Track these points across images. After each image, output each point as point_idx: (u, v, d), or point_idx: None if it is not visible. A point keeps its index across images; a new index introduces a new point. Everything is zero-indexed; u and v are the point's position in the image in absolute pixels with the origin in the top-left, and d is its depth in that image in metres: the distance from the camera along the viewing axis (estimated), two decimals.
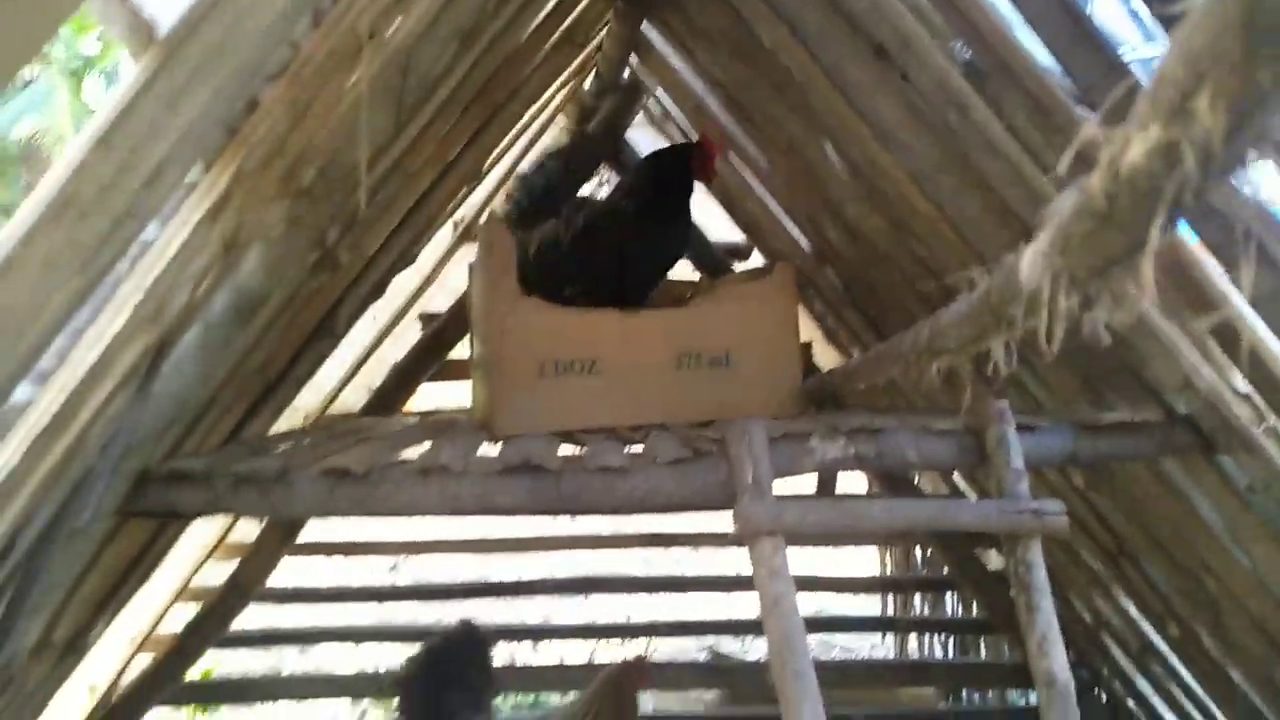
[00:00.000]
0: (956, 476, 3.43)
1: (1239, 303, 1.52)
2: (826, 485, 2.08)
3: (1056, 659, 1.58)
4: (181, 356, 1.48)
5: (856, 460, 1.78)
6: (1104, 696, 3.45)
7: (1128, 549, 2.62)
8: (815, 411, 2.23)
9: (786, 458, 1.76)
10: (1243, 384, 1.75)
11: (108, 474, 1.25)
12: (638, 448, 1.92)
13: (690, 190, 2.47)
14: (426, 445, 2.02)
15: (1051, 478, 2.71)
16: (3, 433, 1.05)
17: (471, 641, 2.75)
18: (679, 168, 2.43)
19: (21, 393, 1.04)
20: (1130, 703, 3.37)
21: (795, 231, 3.03)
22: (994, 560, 3.35)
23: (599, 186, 3.73)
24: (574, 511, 1.78)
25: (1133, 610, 2.93)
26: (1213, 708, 2.94)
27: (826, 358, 3.36)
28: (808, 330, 3.32)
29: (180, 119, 0.89)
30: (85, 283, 0.89)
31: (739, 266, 3.31)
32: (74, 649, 2.27)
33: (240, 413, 2.21)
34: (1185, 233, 1.53)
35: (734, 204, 3.36)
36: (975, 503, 1.85)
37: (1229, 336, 1.60)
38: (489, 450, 1.96)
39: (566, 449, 1.97)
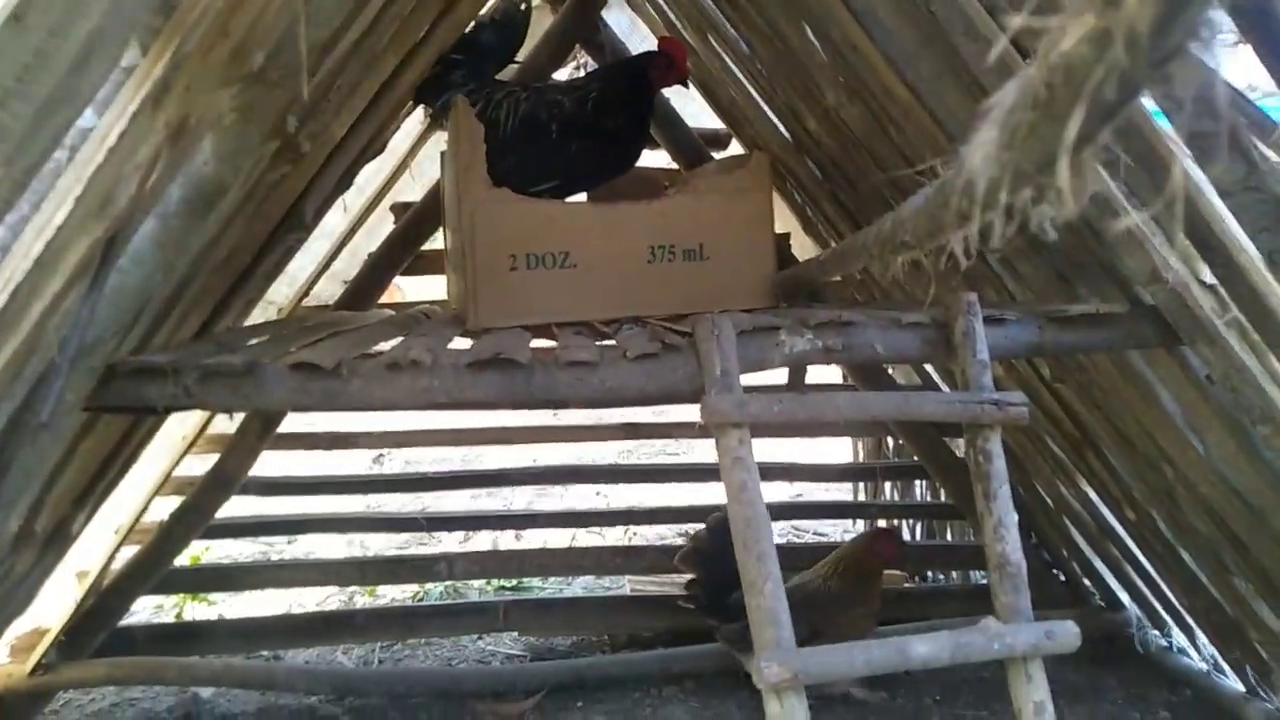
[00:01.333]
0: (930, 368, 3.48)
1: (1209, 193, 1.51)
2: (797, 377, 2.09)
3: (1010, 544, 1.63)
4: (140, 249, 1.46)
5: (825, 354, 1.79)
6: (1061, 577, 3.59)
7: (1091, 438, 2.68)
8: (789, 303, 2.23)
9: (754, 352, 1.77)
10: (1209, 276, 1.75)
11: (65, 369, 1.25)
12: (609, 342, 1.92)
13: (643, 107, 2.42)
14: (398, 340, 2.02)
15: (1020, 369, 2.74)
16: None
17: None
18: (633, 84, 2.36)
19: None
20: (1086, 582, 3.52)
21: (775, 120, 2.97)
22: (961, 449, 3.42)
23: (574, 70, 3.63)
24: (545, 405, 1.79)
25: (1093, 496, 3.02)
26: (1164, 587, 3.07)
27: (805, 248, 3.34)
28: (786, 221, 3.30)
29: None
30: (20, 172, 0.87)
31: (717, 155, 3.25)
32: (58, 539, 2.31)
33: (209, 307, 2.19)
34: (1159, 121, 1.51)
35: (713, 91, 3.28)
36: (937, 394, 1.87)
37: (1199, 227, 1.60)
38: (461, 344, 1.96)
39: (540, 343, 1.98)
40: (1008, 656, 1.57)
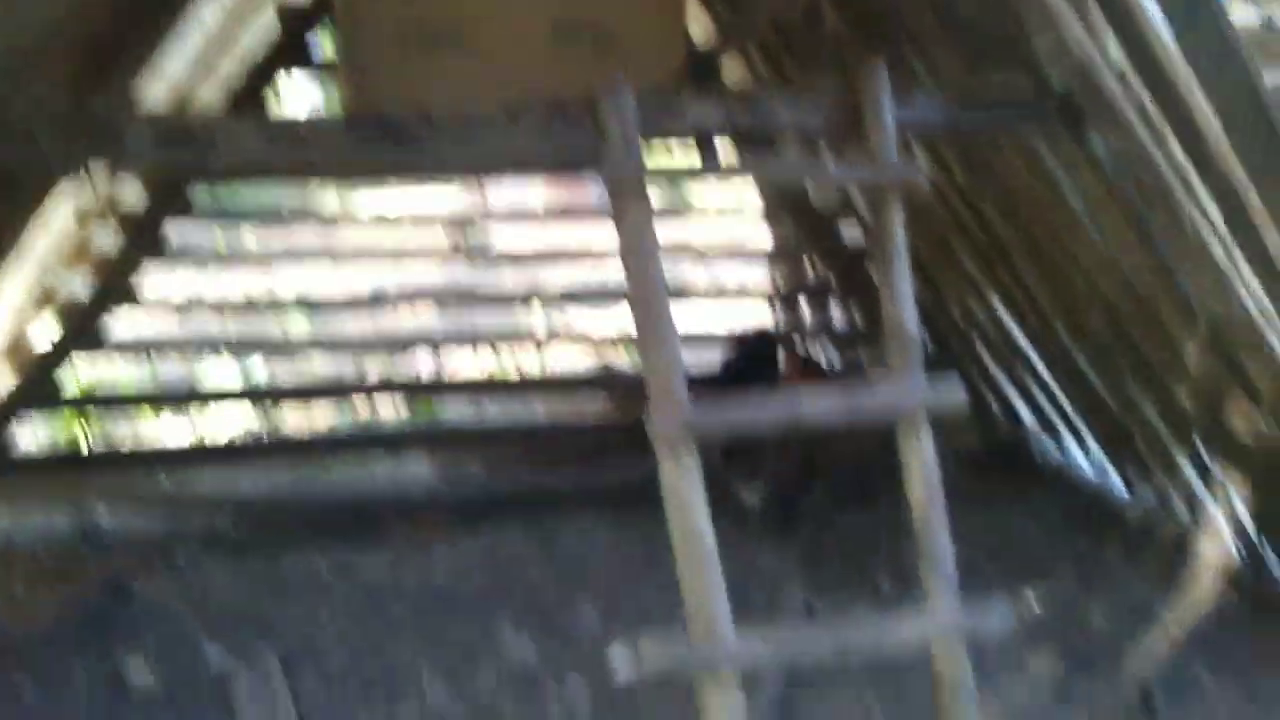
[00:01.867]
0: None
1: None
2: (710, 157, 2.04)
3: (906, 310, 1.64)
4: None
5: (728, 123, 1.73)
6: (968, 396, 3.71)
7: (998, 244, 2.71)
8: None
9: (658, 118, 1.70)
10: (1117, 53, 1.73)
11: None
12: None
13: None
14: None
15: (938, 180, 2.74)
16: None
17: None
18: None
19: None
20: (990, 399, 3.65)
21: None
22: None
23: None
24: (437, 176, 1.70)
25: (1000, 312, 3.09)
26: (1061, 399, 3.20)
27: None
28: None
29: None
30: None
31: None
32: None
33: (70, 80, 1.99)
34: None
35: None
36: (841, 164, 1.84)
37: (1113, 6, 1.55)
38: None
39: None
40: (896, 415, 1.60)
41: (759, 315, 4.14)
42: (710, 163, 1.86)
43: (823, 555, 3.01)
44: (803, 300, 3.94)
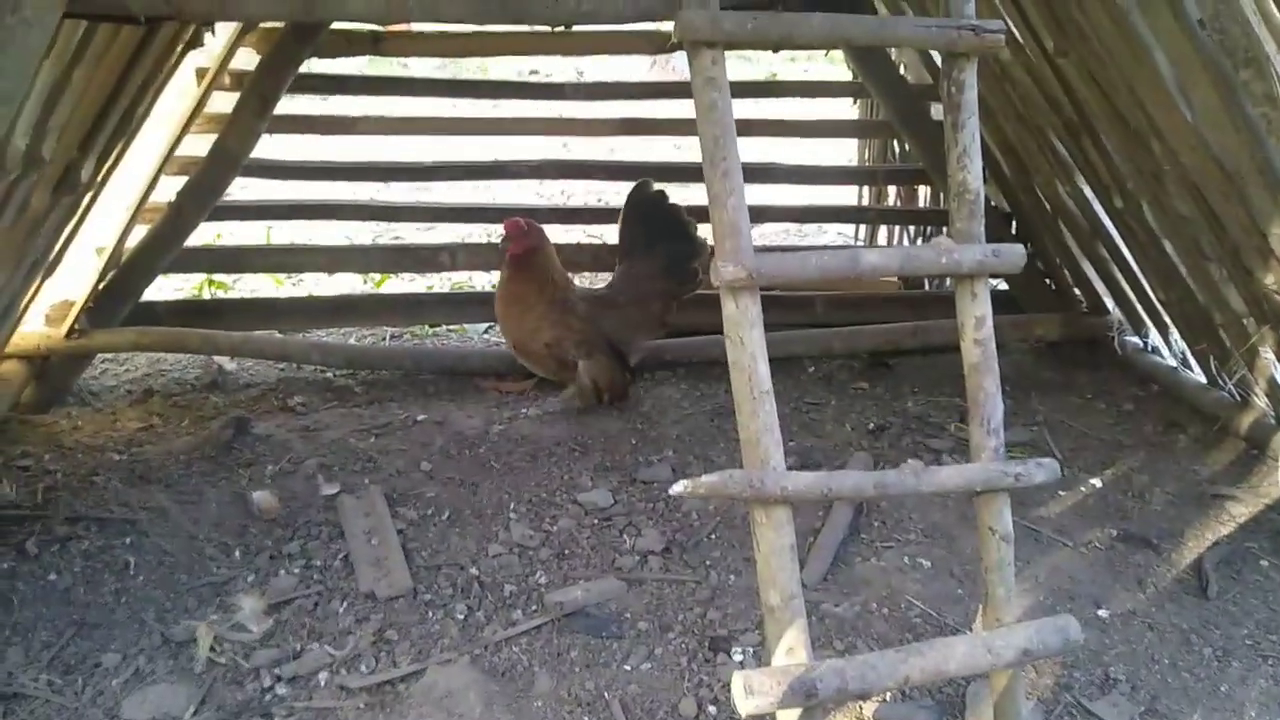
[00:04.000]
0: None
1: None
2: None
3: (973, 172, 1.67)
4: None
5: None
6: (1052, 285, 3.67)
7: (1088, 121, 2.66)
8: None
9: None
10: None
11: None
12: None
13: None
14: None
15: (1029, 50, 2.68)
16: None
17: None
18: None
19: None
20: (1076, 290, 3.61)
21: None
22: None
23: None
24: (520, 21, 1.78)
25: (1087, 193, 3.04)
26: (1145, 284, 3.15)
27: None
28: None
29: None
30: None
31: None
32: (67, 183, 2.41)
33: None
34: None
35: None
36: (915, 19, 1.84)
37: None
38: None
39: None
40: (954, 272, 1.66)
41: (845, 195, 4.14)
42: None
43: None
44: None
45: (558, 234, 3.48)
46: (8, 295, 2.57)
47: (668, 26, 2.52)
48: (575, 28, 3.05)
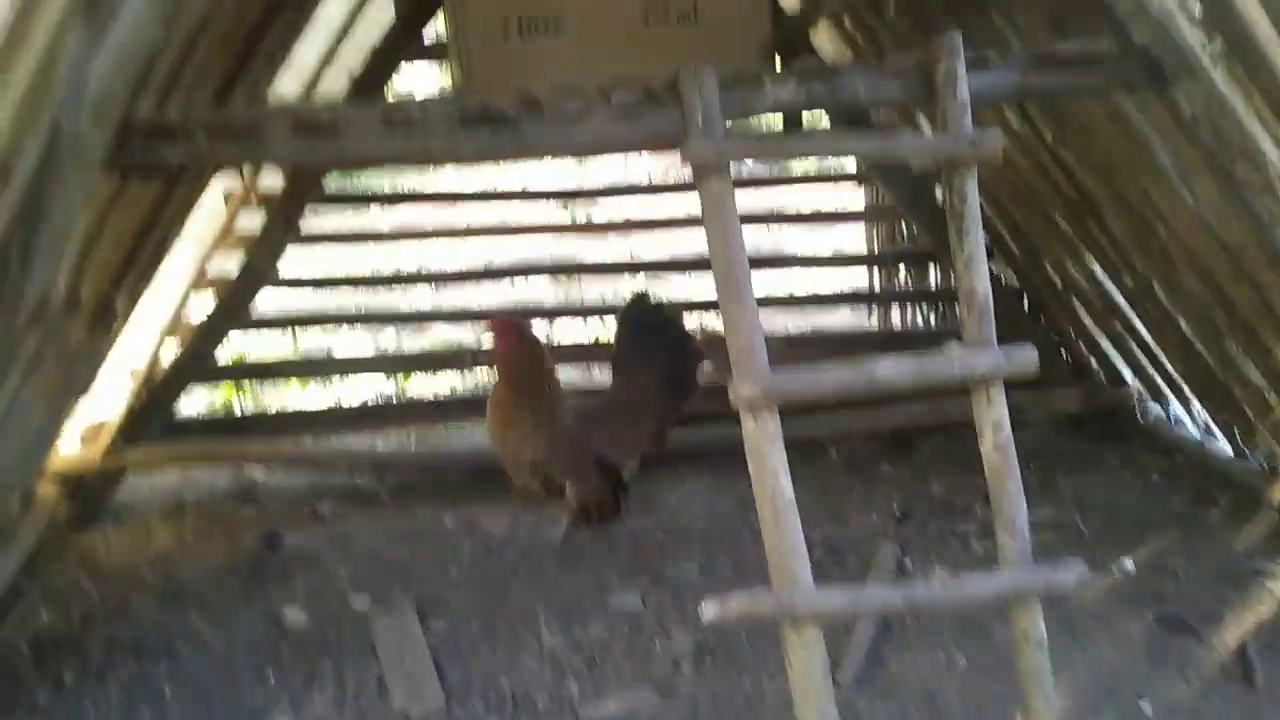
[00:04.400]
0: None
1: None
2: (791, 128, 2.13)
3: (980, 277, 1.71)
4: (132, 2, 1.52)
5: (809, 100, 1.82)
6: (1069, 359, 3.68)
7: (1093, 205, 2.70)
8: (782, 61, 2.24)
9: (739, 99, 1.81)
10: (1195, 6, 1.73)
11: (76, 111, 1.34)
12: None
13: None
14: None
15: (1025, 137, 2.74)
16: None
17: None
18: None
19: None
20: (1093, 362, 3.61)
21: None
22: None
23: None
24: (532, 156, 1.87)
25: (1097, 272, 3.07)
26: (1162, 358, 3.16)
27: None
28: None
29: None
30: None
31: None
32: (103, 318, 2.49)
33: (216, 81, 2.25)
34: None
35: None
36: (916, 135, 1.91)
37: None
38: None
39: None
40: (968, 378, 1.68)
41: (854, 279, 4.18)
42: (792, 133, 1.95)
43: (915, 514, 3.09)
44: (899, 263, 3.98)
45: (573, 328, 3.54)
46: (51, 428, 2.64)
47: None
48: None
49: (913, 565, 2.77)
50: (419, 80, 3.25)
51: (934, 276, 3.99)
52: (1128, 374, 3.49)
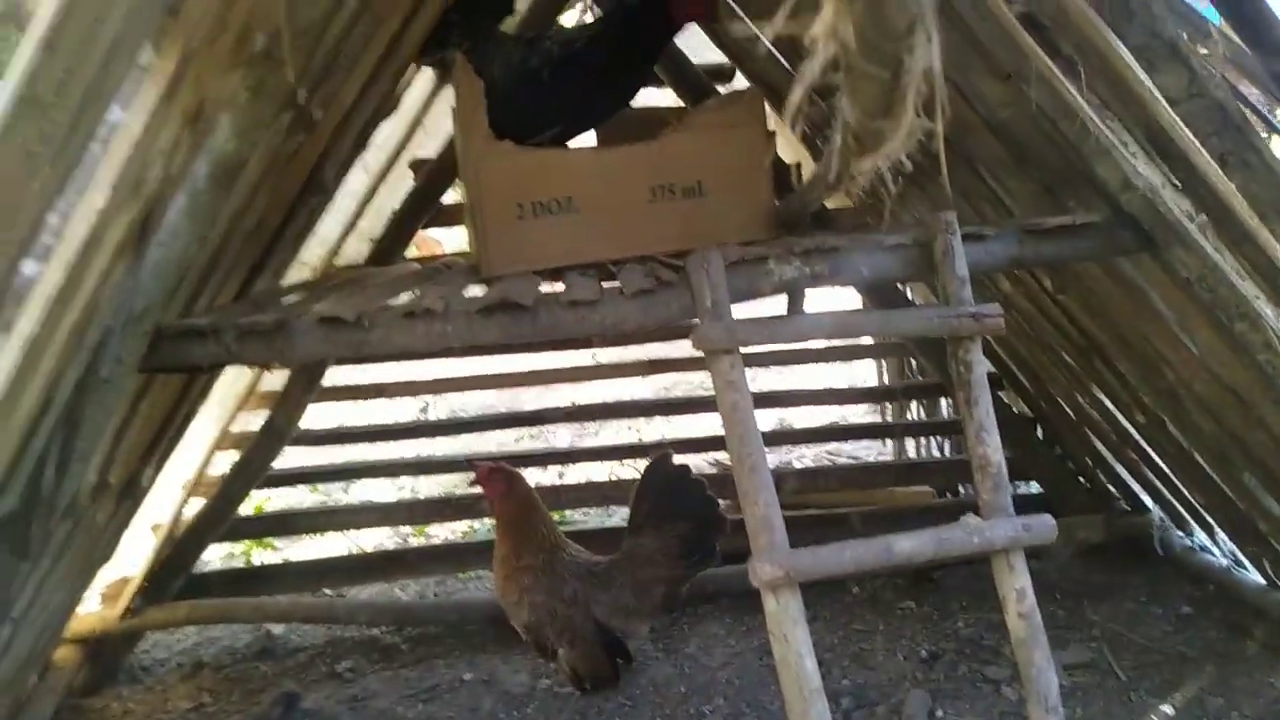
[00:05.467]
0: None
1: (1162, 103, 1.57)
2: (795, 304, 2.19)
3: (991, 446, 1.74)
4: (174, 223, 1.62)
5: (812, 279, 1.89)
6: (1088, 485, 3.67)
7: (1098, 345, 2.75)
8: (793, 232, 2.32)
9: (746, 281, 1.88)
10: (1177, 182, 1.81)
11: (118, 330, 1.41)
12: (612, 282, 2.05)
13: (660, 40, 2.47)
14: (416, 291, 2.17)
15: (1027, 284, 2.81)
16: (17, 304, 1.20)
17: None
18: (650, 17, 2.40)
19: (29, 269, 1.19)
20: (1112, 489, 3.60)
21: (776, 54, 3.02)
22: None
23: (581, 13, 3.68)
24: (549, 337, 1.93)
25: (1108, 404, 3.09)
26: (1181, 487, 3.15)
27: None
28: (797, 151, 3.35)
29: (117, 9, 0.98)
30: (63, 167, 1.02)
31: (722, 89, 3.31)
32: (130, 492, 2.54)
33: (245, 270, 2.36)
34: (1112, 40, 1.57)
35: (715, 24, 3.33)
36: (919, 309, 1.97)
37: (1157, 135, 1.66)
38: (476, 291, 2.11)
39: (549, 287, 2.11)
40: (988, 550, 1.70)
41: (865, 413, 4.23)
42: (798, 309, 2.02)
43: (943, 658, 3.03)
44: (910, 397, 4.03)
45: (601, 471, 3.56)
46: (73, 601, 2.66)
47: None
48: None
49: (944, 716, 2.71)
50: (451, 238, 3.37)
51: (944, 408, 4.03)
52: (1148, 500, 3.48)
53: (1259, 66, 1.67)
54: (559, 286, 2.07)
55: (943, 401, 4.06)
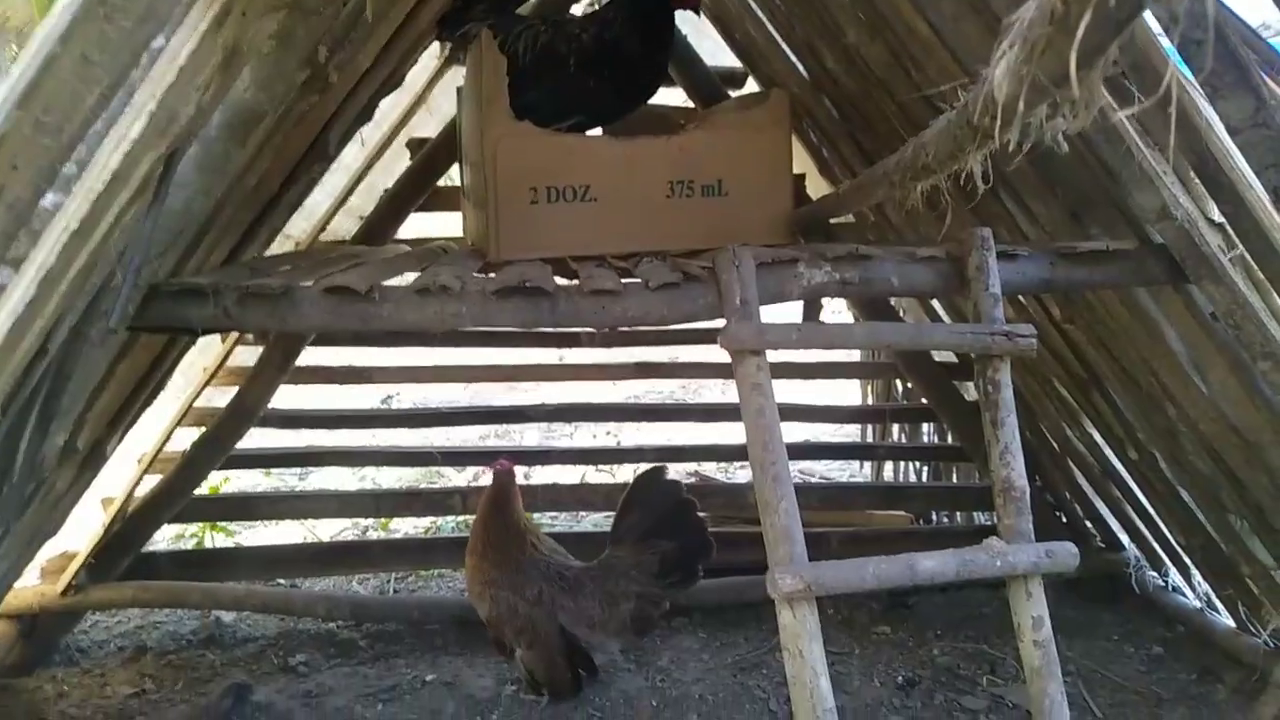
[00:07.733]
0: (937, 306, 3.52)
1: (1219, 130, 1.54)
2: (812, 311, 2.15)
3: (1015, 469, 1.70)
4: (183, 172, 1.51)
5: (842, 286, 1.84)
6: (1063, 518, 3.67)
7: (1097, 378, 2.74)
8: (803, 240, 2.27)
9: (774, 283, 1.82)
10: (1217, 213, 1.79)
11: (131, 280, 1.30)
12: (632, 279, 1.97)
13: (664, 32, 2.42)
14: (422, 269, 2.07)
15: (1030, 310, 2.79)
16: (34, 236, 1.09)
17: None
18: (653, 6, 2.36)
19: (49, 199, 1.08)
20: (1088, 524, 3.60)
21: (793, 58, 2.97)
22: (970, 392, 3.48)
23: (589, 4, 3.61)
24: (569, 325, 1.85)
25: (1097, 438, 3.09)
26: (1162, 526, 3.16)
27: (820, 190, 3.36)
28: (802, 162, 3.31)
29: None
30: (112, 81, 0.92)
31: (733, 93, 3.26)
32: (93, 459, 2.39)
33: (237, 235, 2.24)
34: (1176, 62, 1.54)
35: (730, 27, 3.28)
36: (951, 325, 1.93)
37: (1208, 164, 1.63)
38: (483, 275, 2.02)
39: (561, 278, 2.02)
40: (1009, 574, 1.65)
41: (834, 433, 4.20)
42: (814, 318, 1.96)
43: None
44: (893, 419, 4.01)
45: (572, 474, 3.47)
46: (16, 568, 2.50)
47: None
48: None
49: None
50: (427, 225, 3.26)
51: (926, 433, 4.01)
52: (1125, 538, 3.48)
53: None
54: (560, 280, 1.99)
55: (924, 427, 4.04)
